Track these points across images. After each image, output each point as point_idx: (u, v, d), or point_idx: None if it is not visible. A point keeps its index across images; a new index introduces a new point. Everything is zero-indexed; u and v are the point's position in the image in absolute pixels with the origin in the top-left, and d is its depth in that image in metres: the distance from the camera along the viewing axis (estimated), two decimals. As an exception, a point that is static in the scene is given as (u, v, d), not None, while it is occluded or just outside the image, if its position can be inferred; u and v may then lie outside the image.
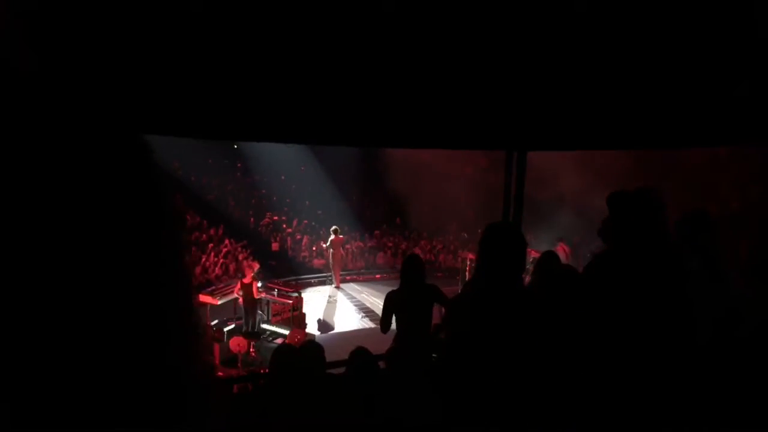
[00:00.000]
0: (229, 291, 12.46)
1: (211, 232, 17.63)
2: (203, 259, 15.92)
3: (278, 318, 12.45)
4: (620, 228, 3.20)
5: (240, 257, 16.71)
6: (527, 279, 11.46)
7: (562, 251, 14.23)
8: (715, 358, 3.08)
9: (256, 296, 11.82)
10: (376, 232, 20.61)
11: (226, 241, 17.34)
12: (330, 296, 16.01)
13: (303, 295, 13.09)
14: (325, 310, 14.68)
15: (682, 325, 2.97)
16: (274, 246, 18.44)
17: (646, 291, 2.97)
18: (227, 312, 12.42)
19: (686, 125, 5.58)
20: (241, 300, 11.91)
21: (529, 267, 12.62)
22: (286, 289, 12.79)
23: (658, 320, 2.95)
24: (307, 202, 20.99)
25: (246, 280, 11.86)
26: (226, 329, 11.54)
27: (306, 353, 4.32)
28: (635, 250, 3.09)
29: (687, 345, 2.97)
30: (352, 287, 17.15)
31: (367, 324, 13.55)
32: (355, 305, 15.19)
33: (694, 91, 5.02)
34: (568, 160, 19.93)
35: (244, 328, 11.71)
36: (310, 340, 4.56)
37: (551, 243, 15.25)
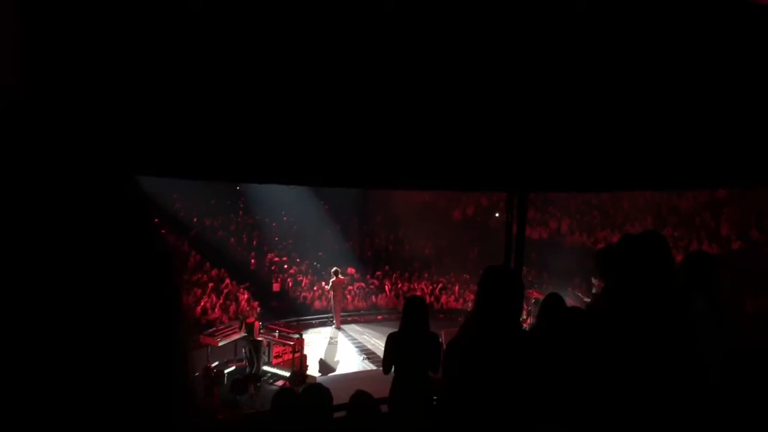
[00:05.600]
0: (230, 332, 12.37)
1: (213, 272, 17.59)
2: (204, 300, 15.86)
3: (279, 360, 12.33)
4: (631, 270, 3.20)
5: (241, 298, 16.65)
6: (529, 320, 11.41)
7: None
8: (721, 399, 3.05)
9: (256, 336, 11.78)
10: (378, 272, 20.56)
11: (227, 281, 17.29)
12: (331, 337, 15.88)
13: (304, 336, 12.99)
14: (326, 351, 14.55)
15: (690, 367, 2.96)
16: (276, 287, 18.37)
17: (655, 333, 2.97)
18: (228, 353, 12.32)
19: (687, 167, 5.61)
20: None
21: (531, 308, 12.62)
22: (287, 331, 12.70)
23: (667, 362, 2.93)
24: (308, 243, 20.97)
25: (249, 321, 11.84)
26: (226, 371, 11.43)
27: (310, 397, 4.26)
28: (646, 291, 3.09)
29: (696, 386, 2.95)
30: (353, 328, 17.01)
31: (369, 366, 13.40)
32: (357, 347, 15.05)
33: (695, 133, 5.06)
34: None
35: (247, 370, 11.64)
36: (317, 383, 4.49)
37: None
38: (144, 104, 3.76)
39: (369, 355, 14.23)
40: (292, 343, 12.18)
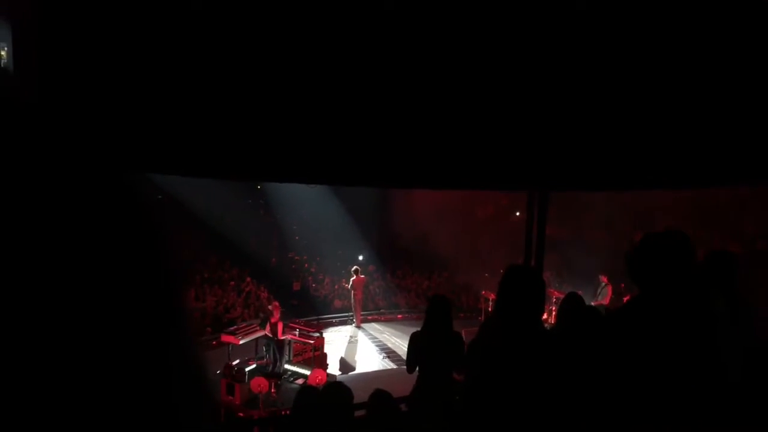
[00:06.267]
0: (251, 330, 12.44)
1: (233, 271, 17.69)
2: (225, 298, 15.97)
3: (299, 358, 12.39)
4: (653, 269, 3.18)
5: (262, 296, 16.72)
6: (550, 320, 11.36)
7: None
8: (740, 400, 3.02)
9: (280, 336, 11.88)
10: (398, 271, 20.53)
11: (248, 280, 17.37)
12: (351, 336, 15.91)
13: (324, 335, 13.03)
14: (347, 350, 14.58)
15: (709, 367, 2.93)
16: (296, 285, 18.43)
17: (675, 333, 2.95)
18: (249, 351, 12.40)
19: (710, 164, 5.56)
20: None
21: (553, 307, 12.56)
22: (308, 329, 12.74)
23: (687, 364, 2.91)
24: (328, 242, 20.99)
25: (273, 320, 11.95)
26: (247, 369, 11.50)
27: (331, 395, 4.28)
28: (666, 292, 3.07)
29: (714, 386, 2.93)
30: (373, 327, 17.03)
31: (389, 364, 13.42)
32: (377, 345, 15.07)
33: (717, 131, 5.00)
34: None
35: (270, 368, 11.73)
36: (338, 381, 4.52)
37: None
38: (163, 104, 3.80)
39: (389, 353, 14.24)
40: (312, 341, 12.22)
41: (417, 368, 5.59)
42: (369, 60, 4.08)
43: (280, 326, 11.88)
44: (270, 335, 12.00)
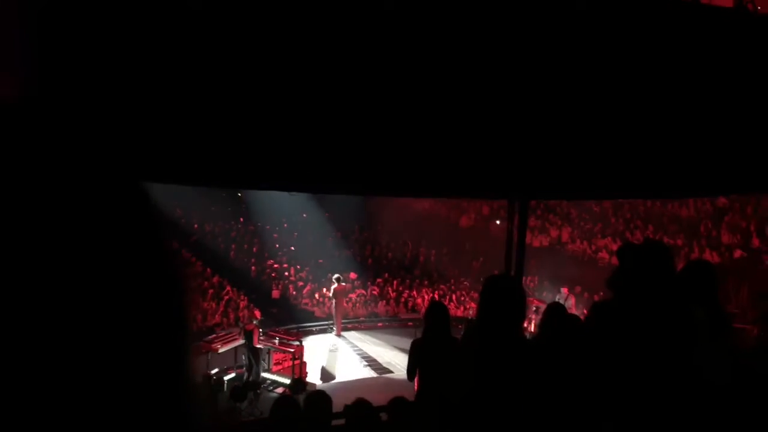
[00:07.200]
0: (230, 339, 12.35)
1: (214, 279, 17.57)
2: (204, 306, 15.83)
3: (279, 367, 12.31)
4: (630, 280, 3.19)
5: (241, 304, 16.62)
6: (531, 328, 11.37)
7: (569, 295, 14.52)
8: (720, 411, 3.04)
9: (255, 344, 11.79)
10: (379, 279, 20.52)
11: (227, 288, 17.26)
12: (331, 345, 15.84)
13: (304, 343, 12.96)
14: (327, 358, 14.51)
15: (688, 376, 2.95)
16: (275, 293, 18.34)
17: (654, 343, 2.95)
18: (228, 360, 12.30)
19: (688, 175, 5.61)
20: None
21: (532, 316, 12.60)
22: (288, 338, 12.67)
23: (665, 371, 2.92)
24: (309, 250, 20.92)
25: (249, 327, 11.84)
26: (226, 378, 11.41)
27: (311, 405, 4.25)
28: (644, 301, 3.08)
29: (694, 396, 2.94)
30: (353, 336, 16.96)
31: (370, 373, 13.38)
32: (357, 354, 15.02)
33: (696, 141, 5.05)
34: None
35: (245, 377, 11.62)
36: (318, 390, 4.48)
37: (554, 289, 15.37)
38: (144, 110, 3.77)
39: (370, 362, 14.20)
40: (292, 350, 12.15)
41: (417, 375, 5.60)
42: (349, 68, 4.08)
43: (255, 333, 11.79)
44: (245, 341, 11.95)
